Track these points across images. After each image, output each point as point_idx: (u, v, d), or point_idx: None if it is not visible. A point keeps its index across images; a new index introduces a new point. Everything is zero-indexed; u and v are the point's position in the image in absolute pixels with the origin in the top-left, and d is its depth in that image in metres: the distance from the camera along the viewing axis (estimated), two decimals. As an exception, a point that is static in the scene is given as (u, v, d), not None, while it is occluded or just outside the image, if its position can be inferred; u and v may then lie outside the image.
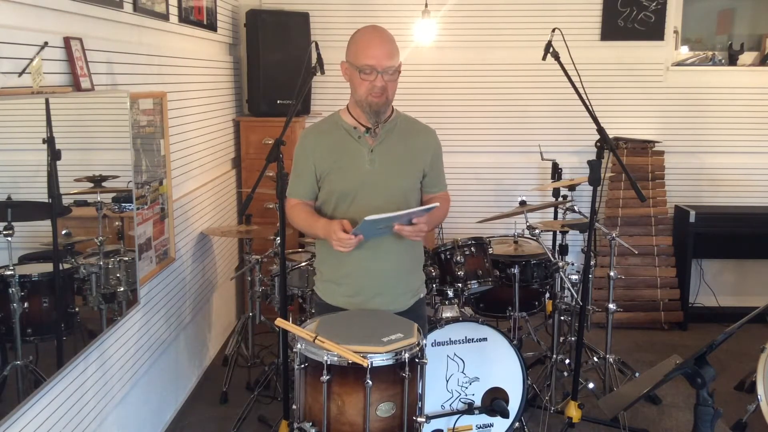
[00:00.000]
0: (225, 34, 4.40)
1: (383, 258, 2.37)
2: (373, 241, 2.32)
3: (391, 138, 2.36)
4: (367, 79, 2.24)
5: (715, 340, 1.94)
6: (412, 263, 2.50)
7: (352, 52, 2.28)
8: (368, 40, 2.26)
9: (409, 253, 2.46)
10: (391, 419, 2.09)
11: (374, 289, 2.38)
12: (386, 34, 2.29)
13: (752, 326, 3.13)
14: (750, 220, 4.66)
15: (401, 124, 2.40)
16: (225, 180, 4.36)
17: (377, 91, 2.24)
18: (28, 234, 2.20)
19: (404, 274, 2.45)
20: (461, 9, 4.70)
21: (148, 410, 3.18)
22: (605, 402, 2.84)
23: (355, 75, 2.26)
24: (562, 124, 4.79)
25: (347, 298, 2.41)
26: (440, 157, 2.50)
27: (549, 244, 4.13)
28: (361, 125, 2.34)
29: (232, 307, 4.68)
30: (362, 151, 2.33)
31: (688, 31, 4.95)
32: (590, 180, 2.88)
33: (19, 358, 2.11)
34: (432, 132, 2.48)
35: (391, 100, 2.31)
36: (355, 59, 2.26)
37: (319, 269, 2.51)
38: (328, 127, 2.40)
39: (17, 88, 2.02)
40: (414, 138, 2.41)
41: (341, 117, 2.39)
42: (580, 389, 3.24)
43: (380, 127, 2.33)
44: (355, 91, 2.30)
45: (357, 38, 2.29)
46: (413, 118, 2.49)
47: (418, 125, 2.47)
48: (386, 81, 2.24)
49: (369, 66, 2.22)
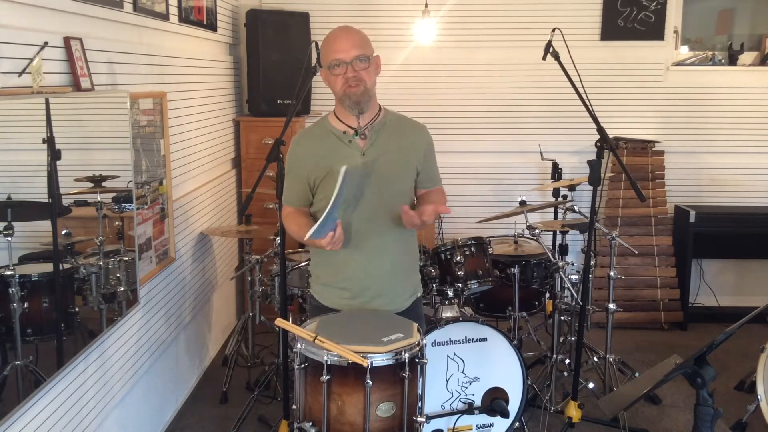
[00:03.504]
0: (225, 34, 4.40)
1: (382, 260, 2.37)
2: (370, 244, 2.33)
3: (382, 138, 2.35)
4: (339, 74, 2.25)
5: (715, 340, 1.94)
6: (410, 263, 2.51)
7: (323, 56, 2.30)
8: (331, 38, 2.29)
9: (407, 253, 2.47)
10: (391, 419, 2.09)
11: (374, 290, 2.38)
12: (349, 28, 2.30)
13: (752, 326, 3.14)
14: (750, 220, 4.66)
15: (391, 123, 2.39)
16: (225, 180, 4.36)
17: (352, 81, 2.24)
18: (28, 234, 2.20)
19: (402, 275, 2.45)
20: (461, 9, 4.70)
21: (148, 410, 3.18)
22: (605, 402, 2.84)
23: (329, 75, 2.28)
24: (562, 124, 4.79)
25: (347, 301, 2.40)
26: (433, 152, 2.49)
27: (549, 244, 4.13)
28: (350, 128, 2.33)
29: (232, 307, 4.68)
30: (354, 154, 2.32)
31: (688, 31, 4.95)
32: (590, 180, 2.88)
33: (19, 358, 2.11)
34: (423, 128, 2.47)
35: (370, 90, 2.29)
36: (325, 60, 2.29)
37: (315, 273, 2.50)
38: (319, 133, 2.38)
39: (17, 88, 2.02)
40: (405, 136, 2.40)
41: (330, 122, 2.38)
42: (580, 389, 3.24)
43: (369, 128, 2.33)
44: (334, 91, 2.30)
45: (323, 43, 2.31)
46: (403, 115, 2.47)
47: (409, 122, 2.46)
48: (359, 71, 2.24)
49: (337, 60, 2.23)
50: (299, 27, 4.52)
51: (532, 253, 3.69)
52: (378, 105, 2.38)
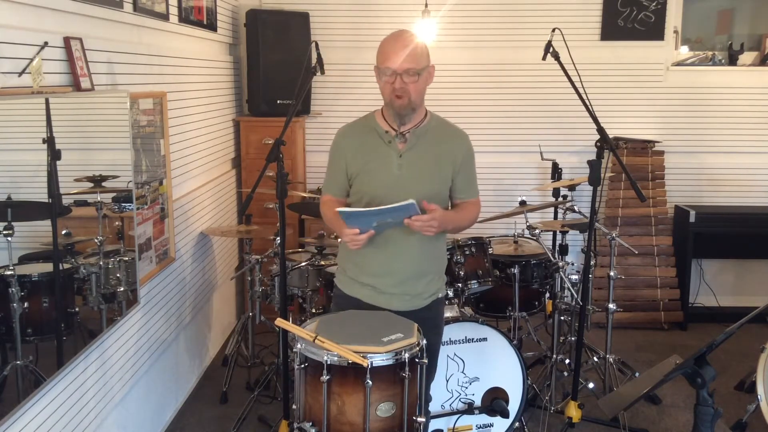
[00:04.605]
0: (225, 34, 4.40)
1: (406, 263, 2.40)
2: (396, 247, 2.37)
3: (421, 143, 2.38)
4: (388, 81, 2.29)
5: (715, 340, 1.94)
6: (436, 267, 2.51)
7: (378, 56, 2.33)
8: (388, 43, 2.31)
9: (435, 258, 2.49)
10: (391, 419, 2.09)
11: (394, 287, 2.40)
12: (408, 38, 2.31)
13: (752, 326, 3.15)
14: (750, 220, 4.66)
15: (434, 128, 2.42)
16: (225, 180, 4.36)
17: (397, 92, 2.28)
18: (28, 234, 2.20)
19: (426, 277, 2.46)
20: (461, 9, 4.70)
21: (148, 410, 3.18)
22: (605, 402, 2.83)
23: (380, 77, 2.32)
24: (562, 124, 4.79)
25: (369, 293, 2.43)
26: (471, 162, 2.48)
27: (549, 244, 4.12)
28: (393, 129, 2.37)
29: (232, 307, 4.68)
30: (391, 155, 2.35)
31: (688, 31, 4.95)
32: (590, 180, 2.88)
33: (19, 358, 2.11)
34: (464, 136, 2.47)
35: (416, 103, 2.33)
36: (378, 62, 2.32)
37: (341, 266, 2.54)
38: (362, 128, 2.43)
39: (17, 88, 2.02)
40: (445, 143, 2.42)
41: (375, 119, 2.42)
42: (580, 389, 3.24)
43: (411, 132, 2.36)
44: (382, 93, 2.35)
45: (381, 43, 2.34)
46: (447, 121, 2.49)
47: (451, 129, 2.47)
48: (406, 83, 2.27)
49: (388, 68, 2.27)
50: (299, 27, 4.52)
51: (532, 253, 3.69)
52: (424, 110, 2.42)
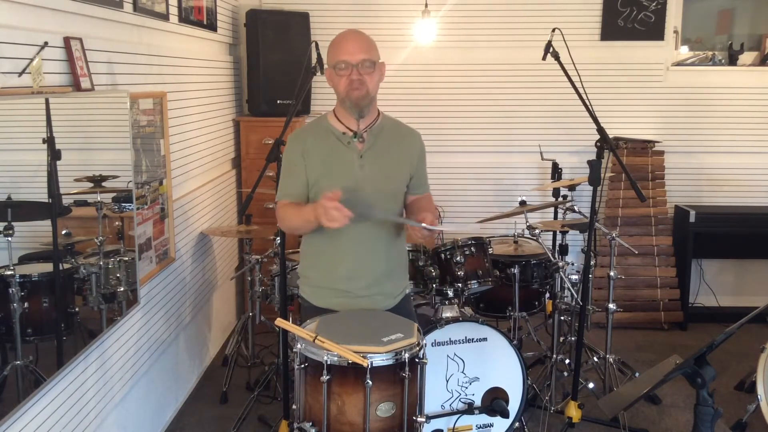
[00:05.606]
0: (225, 34, 4.40)
1: (375, 261, 2.41)
2: (364, 246, 2.37)
3: (379, 143, 2.38)
4: (344, 75, 2.27)
5: (715, 340, 1.94)
6: (401, 264, 2.57)
7: (329, 55, 2.34)
8: (340, 39, 2.32)
9: (399, 254, 2.53)
10: (391, 419, 2.09)
11: (367, 290, 2.41)
12: (359, 32, 2.33)
13: (752, 326, 3.14)
14: (750, 220, 4.65)
15: (388, 128, 2.43)
16: (225, 180, 4.36)
17: (355, 83, 2.27)
18: (28, 234, 2.20)
19: (394, 275, 2.49)
20: (461, 9, 4.70)
21: (148, 410, 3.18)
22: (605, 402, 2.83)
23: (334, 74, 2.31)
24: (562, 124, 4.79)
25: (340, 299, 2.42)
26: (424, 159, 2.54)
27: (549, 244, 4.12)
28: (349, 130, 2.36)
29: (232, 307, 4.68)
30: (352, 156, 2.35)
31: (688, 31, 4.95)
32: (590, 180, 2.88)
33: (19, 358, 2.11)
34: (417, 135, 2.52)
35: (372, 95, 2.32)
36: (331, 59, 2.32)
37: (305, 275, 2.52)
38: (317, 132, 2.41)
39: (17, 88, 2.02)
40: (401, 142, 2.44)
41: (329, 121, 2.40)
42: (580, 389, 3.24)
43: (368, 132, 2.36)
44: (337, 91, 2.33)
45: (332, 42, 2.34)
46: (398, 120, 2.52)
47: (404, 128, 2.50)
48: (363, 74, 2.27)
49: (342, 61, 2.27)
50: (299, 27, 4.52)
51: (532, 253, 3.69)
52: (377, 110, 2.43)
